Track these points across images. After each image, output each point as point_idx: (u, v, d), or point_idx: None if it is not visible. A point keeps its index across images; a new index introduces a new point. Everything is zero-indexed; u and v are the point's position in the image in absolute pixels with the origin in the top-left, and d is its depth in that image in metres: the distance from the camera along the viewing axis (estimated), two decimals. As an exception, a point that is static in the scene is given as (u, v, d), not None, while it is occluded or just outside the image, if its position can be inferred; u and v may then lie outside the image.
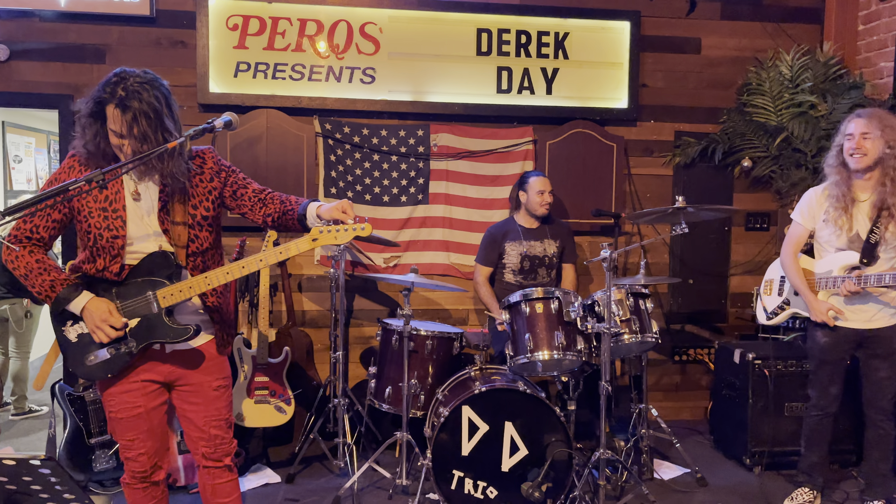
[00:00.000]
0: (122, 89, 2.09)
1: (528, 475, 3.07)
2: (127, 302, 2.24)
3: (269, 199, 2.40)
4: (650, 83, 4.58)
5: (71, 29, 4.11)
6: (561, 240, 4.11)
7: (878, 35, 4.36)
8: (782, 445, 3.76)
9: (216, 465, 2.46)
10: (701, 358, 4.72)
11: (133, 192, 2.24)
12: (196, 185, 2.30)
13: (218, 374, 2.42)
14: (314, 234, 2.26)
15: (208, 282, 2.24)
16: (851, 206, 3.12)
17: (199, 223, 2.31)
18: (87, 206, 2.20)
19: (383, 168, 4.34)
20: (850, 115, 3.19)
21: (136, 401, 2.31)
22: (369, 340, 4.42)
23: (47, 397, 4.04)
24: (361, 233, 2.25)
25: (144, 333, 2.25)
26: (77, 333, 2.26)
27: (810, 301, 3.21)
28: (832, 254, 3.18)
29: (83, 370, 2.26)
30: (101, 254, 2.22)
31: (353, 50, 4.25)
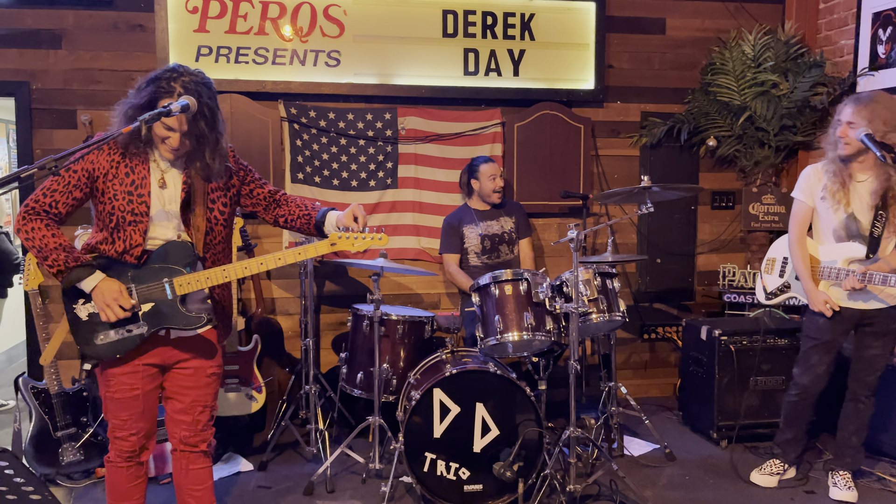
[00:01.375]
0: (181, 86, 2.18)
1: (499, 455, 3.10)
2: (142, 286, 2.28)
3: (283, 201, 2.54)
4: (616, 64, 4.60)
5: (26, 14, 3.99)
6: (515, 215, 4.17)
7: (837, 13, 4.42)
8: (748, 419, 3.83)
9: (192, 450, 2.49)
10: (669, 336, 4.79)
11: (159, 180, 2.29)
12: (216, 181, 2.36)
13: (214, 361, 2.48)
14: (332, 239, 2.38)
15: (226, 275, 2.32)
16: (849, 182, 3.08)
17: (216, 217, 2.38)
18: (112, 188, 2.24)
19: (351, 152, 4.31)
20: (849, 98, 3.11)
21: (134, 383, 2.35)
22: (340, 326, 4.41)
23: (12, 391, 3.96)
24: (378, 243, 2.38)
25: (156, 318, 2.29)
26: (88, 312, 2.28)
27: (809, 290, 3.18)
28: (833, 241, 3.16)
29: (92, 349, 2.28)
30: (121, 236, 2.26)
31: (318, 33, 4.20)
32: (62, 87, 4.05)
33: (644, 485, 3.40)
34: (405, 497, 3.27)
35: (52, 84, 4.04)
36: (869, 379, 3.22)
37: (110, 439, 2.42)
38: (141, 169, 2.27)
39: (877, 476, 3.48)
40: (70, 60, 4.04)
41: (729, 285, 4.40)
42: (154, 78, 2.22)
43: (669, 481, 3.47)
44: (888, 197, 3.03)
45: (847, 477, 3.28)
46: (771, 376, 3.85)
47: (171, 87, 2.18)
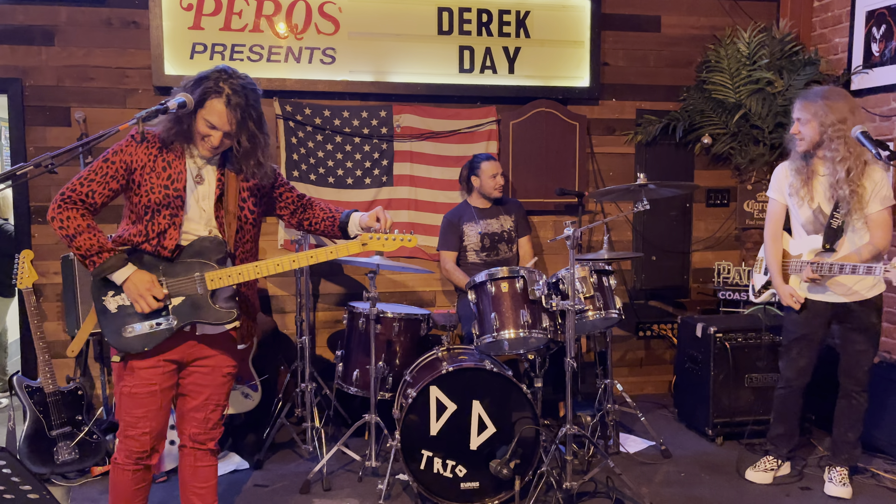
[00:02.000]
0: (230, 87, 2.22)
1: (496, 452, 3.10)
2: (173, 280, 2.29)
3: (310, 205, 2.59)
4: (611, 62, 4.60)
5: (18, 10, 3.97)
6: (514, 214, 4.17)
7: (832, 11, 4.43)
8: (743, 416, 3.85)
9: (200, 447, 2.51)
10: (664, 333, 4.80)
11: (196, 176, 2.33)
12: (247, 179, 2.39)
13: (231, 361, 2.50)
14: (363, 240, 2.44)
15: (258, 271, 2.33)
16: (812, 178, 3.16)
17: (246, 216, 2.40)
18: (149, 182, 2.25)
19: (346, 150, 4.30)
20: (799, 95, 3.25)
21: (153, 378, 2.34)
22: (336, 324, 4.40)
23: (5, 390, 3.94)
24: (408, 244, 2.46)
25: (187, 313, 2.31)
26: (117, 304, 2.29)
27: (777, 285, 3.29)
28: (803, 235, 3.23)
29: (120, 341, 2.29)
30: (155, 229, 2.27)
31: (313, 30, 4.18)
32: (55, 84, 4.03)
33: (640, 482, 3.41)
34: (402, 495, 3.27)
35: (45, 81, 4.01)
36: (857, 375, 3.23)
37: (120, 440, 2.40)
38: (178, 164, 2.29)
39: (871, 472, 3.49)
40: (63, 57, 4.02)
41: (724, 283, 4.42)
42: (203, 77, 2.24)
43: (665, 478, 3.48)
44: (849, 189, 3.05)
45: (843, 473, 3.29)
46: (766, 373, 3.86)
47: (219, 87, 2.22)
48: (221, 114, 2.22)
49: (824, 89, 3.16)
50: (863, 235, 3.12)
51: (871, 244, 3.08)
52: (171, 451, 3.45)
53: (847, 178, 3.03)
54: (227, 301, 2.39)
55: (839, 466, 3.31)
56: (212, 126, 2.24)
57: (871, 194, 3.06)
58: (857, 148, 3.02)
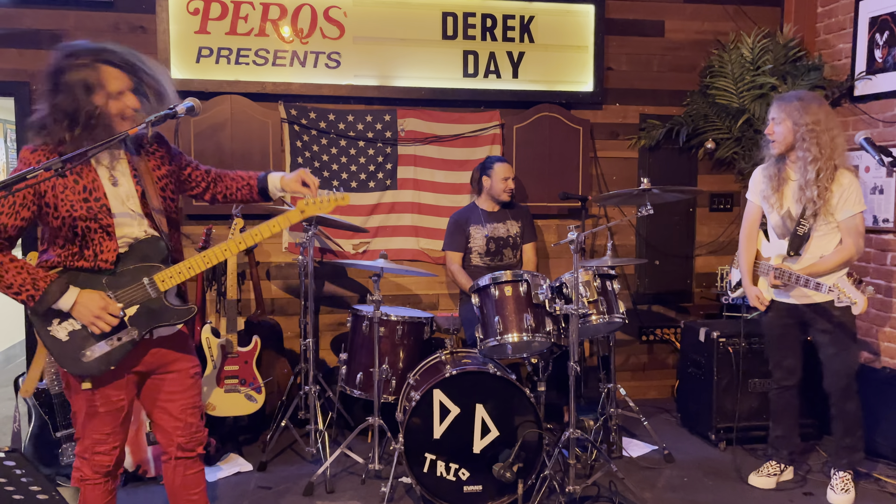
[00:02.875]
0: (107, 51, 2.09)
1: (499, 456, 3.10)
2: (120, 291, 2.17)
3: (219, 178, 2.47)
4: (615, 66, 4.61)
5: (26, 14, 3.99)
6: (521, 220, 4.18)
7: (836, 17, 4.44)
8: (746, 421, 3.85)
9: (188, 456, 2.42)
10: (667, 337, 4.80)
11: (109, 178, 2.19)
12: (158, 168, 2.29)
13: (193, 360, 2.42)
14: (301, 206, 2.38)
15: (206, 260, 2.24)
16: (783, 185, 3.21)
17: (170, 206, 2.31)
18: (66, 201, 2.10)
19: (350, 154, 4.31)
20: (775, 98, 3.31)
21: (119, 394, 2.25)
22: (340, 327, 4.41)
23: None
24: (342, 202, 2.43)
25: (146, 320, 2.20)
26: (67, 331, 2.15)
27: (744, 285, 3.37)
28: (774, 239, 3.30)
29: (81, 367, 2.15)
30: (91, 245, 2.14)
31: (318, 34, 4.21)
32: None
33: (643, 486, 3.41)
34: (405, 498, 3.28)
35: (53, 84, 4.03)
36: (832, 379, 3.22)
37: (86, 457, 2.28)
38: (87, 172, 2.14)
39: (874, 477, 3.49)
40: (70, 61, 4.04)
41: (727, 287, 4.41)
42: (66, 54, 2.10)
43: (668, 483, 3.48)
44: (817, 191, 3.07)
45: (845, 479, 3.27)
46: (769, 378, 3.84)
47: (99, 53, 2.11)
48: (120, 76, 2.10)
49: (799, 92, 3.23)
50: (830, 240, 3.15)
51: (843, 250, 3.10)
52: (176, 452, 3.46)
53: (816, 180, 3.06)
54: (177, 297, 2.32)
55: (840, 471, 3.29)
56: (119, 92, 2.10)
57: (838, 198, 3.08)
58: (828, 150, 3.05)
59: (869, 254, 4.09)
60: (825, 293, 2.92)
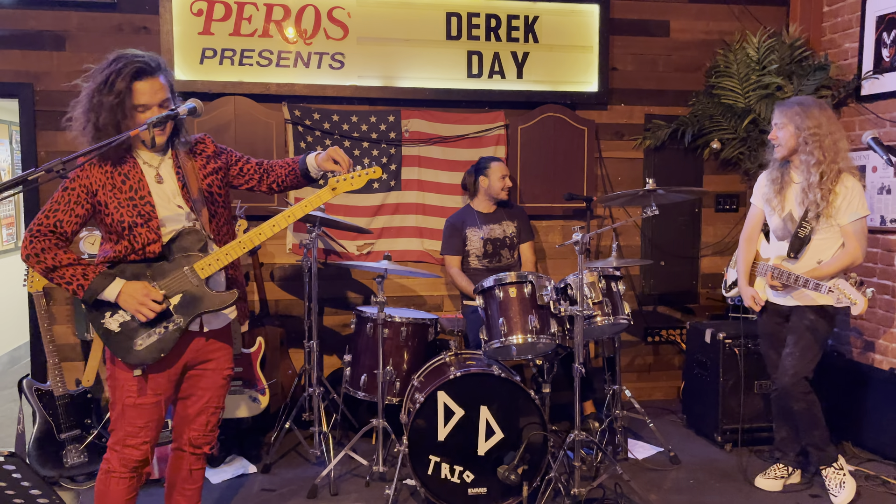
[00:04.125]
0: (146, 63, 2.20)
1: (504, 458, 3.09)
2: (164, 280, 2.28)
3: (271, 168, 2.56)
4: (620, 66, 4.60)
5: (29, 15, 4.00)
6: (517, 220, 4.16)
7: (842, 16, 4.41)
8: (752, 422, 3.83)
9: (196, 451, 2.51)
10: (673, 338, 4.78)
11: (155, 176, 2.31)
12: (204, 167, 2.41)
13: (230, 363, 2.52)
14: (332, 185, 2.46)
15: (242, 246, 2.33)
16: (786, 189, 3.24)
17: (216, 200, 2.42)
18: (115, 198, 2.24)
19: (355, 154, 4.30)
20: (777, 103, 3.32)
21: (159, 388, 2.34)
22: (344, 328, 4.41)
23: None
24: (374, 175, 2.50)
25: (190, 307, 2.30)
26: (119, 322, 2.27)
27: (740, 286, 3.41)
28: (774, 241, 3.32)
29: (134, 356, 2.26)
30: (138, 240, 2.26)
31: (322, 35, 4.20)
32: (66, 89, 4.03)
33: (649, 488, 3.39)
34: (409, 500, 3.27)
35: (56, 86, 4.04)
36: (781, 378, 3.21)
37: (116, 449, 2.35)
38: (134, 172, 2.27)
39: (882, 480, 3.46)
40: (74, 62, 4.04)
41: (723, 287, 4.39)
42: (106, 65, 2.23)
43: (674, 485, 3.46)
44: (820, 194, 3.09)
45: (832, 474, 3.22)
46: (775, 379, 3.83)
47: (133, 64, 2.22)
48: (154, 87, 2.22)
49: (801, 98, 3.29)
50: (831, 244, 3.15)
51: (847, 254, 3.11)
52: (179, 454, 3.46)
53: (820, 182, 3.09)
54: (222, 285, 2.42)
55: (822, 468, 3.26)
56: (146, 108, 2.21)
57: (842, 201, 3.10)
58: (831, 154, 3.09)
59: (875, 254, 4.07)
60: (825, 293, 2.96)
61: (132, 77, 2.17)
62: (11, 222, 5.99)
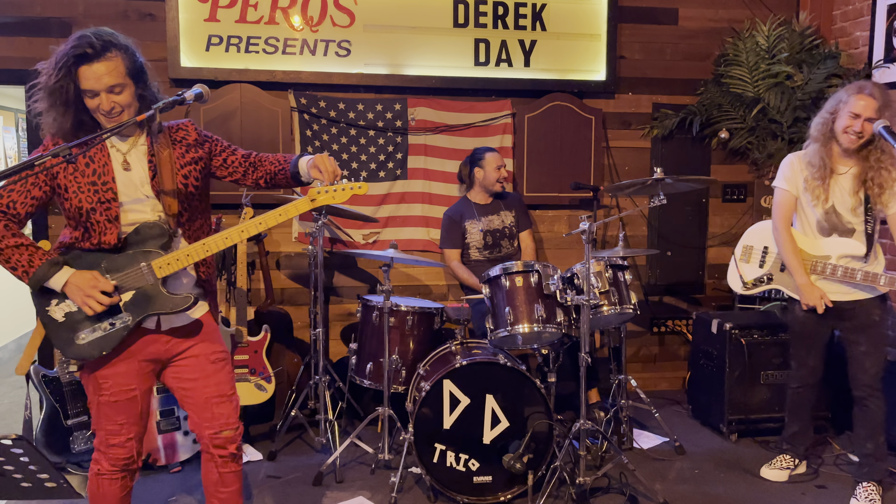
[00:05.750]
0: (90, 46, 2.01)
1: (509, 447, 3.09)
2: (118, 275, 2.13)
3: (259, 162, 2.39)
4: (628, 55, 4.56)
5: (35, 2, 3.99)
6: (515, 209, 4.14)
7: (853, 4, 4.37)
8: (758, 413, 3.82)
9: (220, 452, 2.33)
10: (679, 329, 4.77)
11: (123, 163, 2.17)
12: (182, 156, 2.25)
13: (216, 345, 2.34)
14: (312, 195, 2.24)
15: (206, 248, 2.17)
16: (829, 178, 3.04)
17: (191, 193, 2.26)
18: (74, 182, 2.11)
19: (361, 143, 4.29)
20: (854, 89, 2.99)
21: (130, 382, 2.22)
22: (349, 317, 4.41)
23: None
24: (358, 191, 2.26)
25: (141, 306, 2.15)
26: (64, 312, 2.14)
27: (803, 284, 3.07)
28: (818, 235, 3.10)
29: (74, 350, 2.13)
30: (95, 228, 2.14)
31: (328, 22, 4.18)
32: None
33: (654, 478, 3.39)
34: (414, 488, 3.27)
35: (63, 73, 4.03)
36: (862, 378, 3.09)
37: (102, 450, 2.26)
38: (100, 156, 2.14)
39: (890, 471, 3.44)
40: (80, 49, 4.03)
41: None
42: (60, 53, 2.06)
43: (679, 475, 3.46)
44: (867, 188, 2.98)
45: (869, 489, 3.12)
46: (782, 370, 3.82)
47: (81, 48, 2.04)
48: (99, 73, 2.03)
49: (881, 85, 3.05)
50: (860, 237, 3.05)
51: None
52: (186, 441, 3.48)
53: (890, 176, 2.96)
54: (185, 286, 2.27)
55: (864, 482, 3.15)
56: (94, 94, 2.06)
57: (888, 192, 2.98)
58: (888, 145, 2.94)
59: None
60: (884, 285, 2.88)
61: (76, 61, 2.03)
62: None
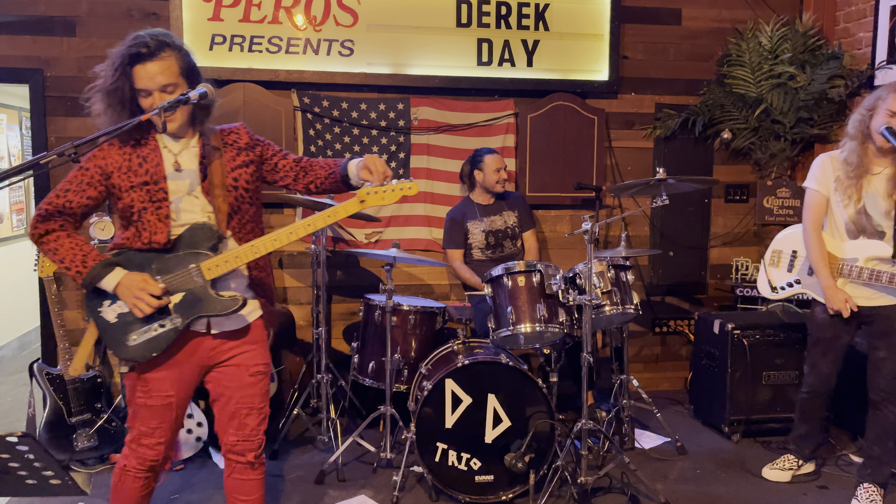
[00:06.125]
0: (144, 46, 2.08)
1: (511, 446, 3.10)
2: (168, 276, 2.15)
3: (309, 166, 2.39)
4: (631, 55, 4.56)
5: (39, 1, 3.99)
6: (518, 209, 4.14)
7: (856, 5, 4.37)
8: (760, 413, 3.82)
9: (239, 459, 2.33)
10: (681, 329, 4.77)
11: (174, 164, 2.20)
12: (233, 159, 2.27)
13: (259, 359, 2.33)
14: (361, 196, 2.21)
15: (255, 250, 2.17)
16: (863, 178, 2.97)
17: (241, 195, 2.27)
18: (127, 182, 2.15)
19: (363, 142, 4.30)
20: (892, 87, 2.90)
21: (169, 389, 2.23)
22: (352, 316, 4.41)
23: None
24: (408, 192, 2.24)
25: (189, 308, 2.16)
26: (116, 314, 2.17)
27: (828, 287, 3.03)
28: (846, 237, 3.05)
29: (126, 351, 2.16)
30: (145, 227, 2.16)
31: (331, 22, 4.18)
32: (76, 74, 4.06)
33: (655, 478, 3.39)
34: (416, 487, 3.28)
35: (66, 71, 4.04)
36: (881, 384, 3.05)
37: (132, 447, 2.27)
38: (153, 156, 2.17)
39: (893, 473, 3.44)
40: (84, 48, 4.04)
41: (742, 279, 4.38)
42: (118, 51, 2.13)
43: (681, 475, 3.46)
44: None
45: (871, 490, 3.11)
46: (784, 371, 3.83)
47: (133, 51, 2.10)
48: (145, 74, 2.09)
49: None
50: None
51: None
52: (189, 439, 3.48)
53: None
54: (235, 289, 2.26)
55: (866, 482, 3.13)
56: (147, 93, 2.11)
57: None
58: None
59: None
60: None
61: (130, 61, 2.08)
62: (21, 208, 6.02)
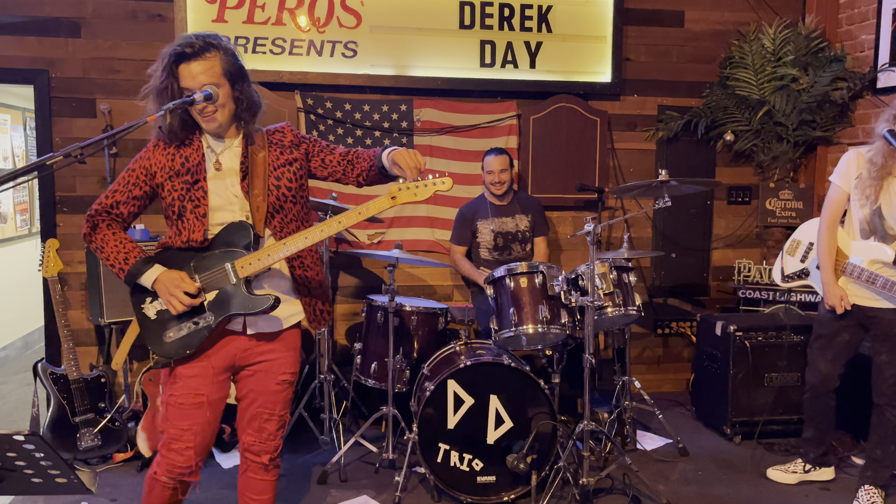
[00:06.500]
0: (189, 45, 2.11)
1: (513, 447, 3.11)
2: (204, 274, 2.18)
3: (356, 159, 2.36)
4: (633, 57, 4.57)
5: (45, 2, 4.01)
6: (532, 214, 4.12)
7: (859, 8, 4.37)
8: (761, 415, 3.82)
9: (254, 459, 2.38)
10: (683, 331, 4.77)
11: (215, 163, 2.23)
12: (277, 158, 2.28)
13: (288, 368, 2.35)
14: (392, 192, 2.17)
15: (286, 247, 2.16)
16: (884, 179, 2.95)
17: (284, 194, 2.27)
18: (169, 181, 2.20)
19: (367, 144, 4.31)
20: None
21: (200, 388, 2.23)
22: (354, 317, 4.43)
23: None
24: (442, 187, 2.17)
25: (223, 306, 2.18)
26: (156, 310, 2.21)
27: (828, 282, 3.07)
28: (859, 236, 3.04)
29: (162, 348, 2.21)
30: (185, 225, 2.20)
31: (335, 23, 4.20)
32: (81, 75, 4.08)
33: (657, 479, 3.40)
34: (418, 487, 3.29)
35: (71, 72, 4.06)
36: (882, 387, 3.05)
37: (163, 453, 2.25)
38: (195, 156, 2.21)
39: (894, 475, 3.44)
40: (89, 49, 4.06)
41: (744, 281, 4.38)
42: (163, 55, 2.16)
43: (682, 476, 3.47)
44: None
45: (872, 492, 3.11)
46: (786, 373, 3.83)
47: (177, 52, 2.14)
48: (188, 74, 2.12)
49: None
50: None
51: None
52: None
53: None
54: (277, 288, 2.26)
55: (867, 485, 3.13)
56: (190, 92, 2.13)
57: None
58: None
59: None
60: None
61: (176, 60, 2.12)
62: (25, 208, 6.04)
